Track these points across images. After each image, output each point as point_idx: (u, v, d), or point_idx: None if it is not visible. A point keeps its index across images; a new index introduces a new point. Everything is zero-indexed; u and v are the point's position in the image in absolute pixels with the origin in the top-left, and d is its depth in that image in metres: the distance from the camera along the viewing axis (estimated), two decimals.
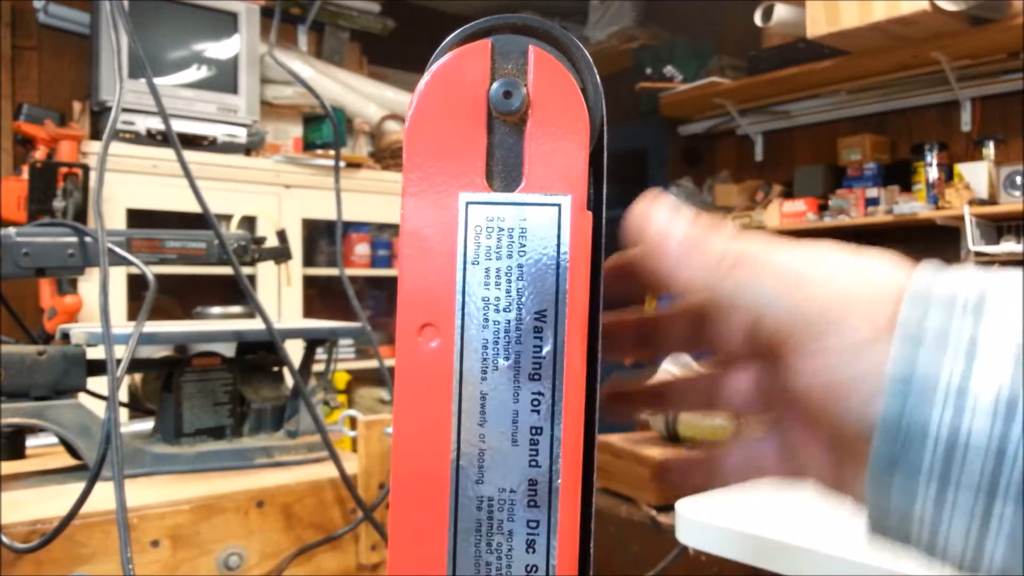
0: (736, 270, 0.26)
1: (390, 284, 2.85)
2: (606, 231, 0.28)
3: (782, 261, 0.25)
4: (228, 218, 1.85)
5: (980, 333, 0.22)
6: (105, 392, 0.65)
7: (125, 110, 2.09)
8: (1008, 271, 0.25)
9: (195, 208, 0.77)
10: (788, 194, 2.99)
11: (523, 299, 0.25)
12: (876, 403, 0.23)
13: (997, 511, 0.22)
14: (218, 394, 0.84)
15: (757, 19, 2.71)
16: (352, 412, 0.92)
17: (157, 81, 0.80)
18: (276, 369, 0.91)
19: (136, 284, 2.07)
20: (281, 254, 1.00)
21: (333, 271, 2.58)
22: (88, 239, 0.79)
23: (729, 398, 0.31)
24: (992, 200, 2.42)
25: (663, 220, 0.27)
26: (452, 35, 0.27)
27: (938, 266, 0.25)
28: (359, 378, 2.67)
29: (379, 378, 2.68)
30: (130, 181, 2.12)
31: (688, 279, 0.27)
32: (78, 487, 0.61)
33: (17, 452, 0.78)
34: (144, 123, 2.17)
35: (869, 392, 0.24)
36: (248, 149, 2.42)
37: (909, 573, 0.57)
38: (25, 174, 1.96)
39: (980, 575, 0.23)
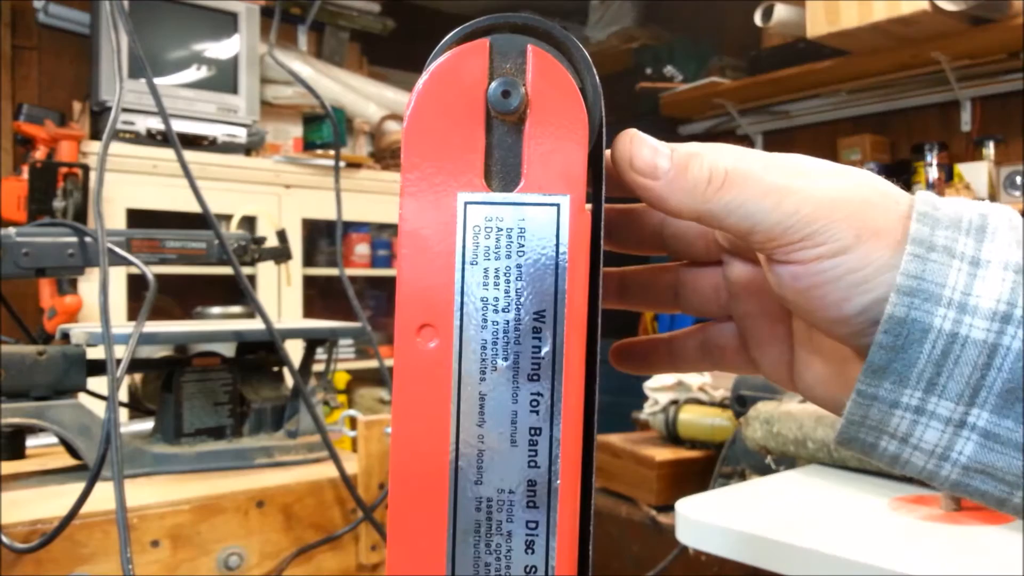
0: (724, 191, 0.27)
1: (390, 284, 2.84)
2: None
3: (767, 177, 0.27)
4: (228, 218, 1.84)
5: (983, 252, 0.25)
6: (105, 392, 0.65)
7: (125, 110, 2.09)
8: (1003, 206, 0.27)
9: (195, 208, 0.77)
10: None
11: (522, 299, 0.25)
12: (857, 302, 0.26)
13: (972, 417, 0.25)
14: (218, 394, 0.84)
15: (757, 19, 2.71)
16: (352, 412, 0.92)
17: (157, 81, 0.80)
18: (276, 369, 0.91)
19: (136, 284, 2.07)
20: (281, 254, 1.00)
21: (333, 271, 2.58)
22: (88, 239, 0.79)
23: (691, 294, 0.35)
24: (992, 200, 2.42)
25: (646, 154, 0.28)
26: (450, 34, 0.27)
27: (934, 194, 0.28)
28: (359, 378, 2.67)
29: (379, 378, 2.68)
30: (130, 181, 2.12)
31: (677, 205, 0.28)
32: (78, 487, 0.61)
33: (17, 452, 0.78)
34: (144, 123, 2.17)
35: (850, 291, 0.26)
36: (248, 149, 2.41)
37: (909, 573, 0.57)
38: (25, 174, 1.95)
39: (934, 484, 0.27)
